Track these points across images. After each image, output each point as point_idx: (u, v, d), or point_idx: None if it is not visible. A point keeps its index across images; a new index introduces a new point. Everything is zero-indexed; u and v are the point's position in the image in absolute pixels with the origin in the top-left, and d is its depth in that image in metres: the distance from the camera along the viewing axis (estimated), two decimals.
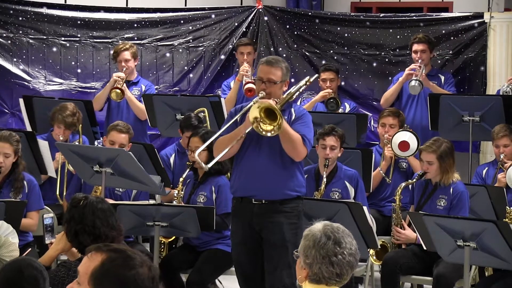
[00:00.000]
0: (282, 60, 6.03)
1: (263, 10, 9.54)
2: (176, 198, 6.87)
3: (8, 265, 3.73)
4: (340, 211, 6.23)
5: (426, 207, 6.71)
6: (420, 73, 8.38)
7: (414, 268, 6.68)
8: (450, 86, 8.66)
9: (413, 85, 8.29)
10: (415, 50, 8.56)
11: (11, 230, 5.49)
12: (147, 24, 9.65)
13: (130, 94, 8.55)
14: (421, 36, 8.61)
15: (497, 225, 5.72)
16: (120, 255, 2.88)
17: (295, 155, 5.80)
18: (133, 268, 2.85)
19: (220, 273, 6.87)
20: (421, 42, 8.56)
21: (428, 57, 8.58)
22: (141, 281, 2.84)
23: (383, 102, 8.72)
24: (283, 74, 5.86)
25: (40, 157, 7.34)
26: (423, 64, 8.46)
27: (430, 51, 8.61)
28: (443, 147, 6.69)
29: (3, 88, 9.55)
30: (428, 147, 6.73)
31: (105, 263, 2.88)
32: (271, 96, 5.80)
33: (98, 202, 4.49)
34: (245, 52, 8.91)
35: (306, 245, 3.47)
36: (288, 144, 5.73)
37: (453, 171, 6.72)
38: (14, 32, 9.57)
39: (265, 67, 5.87)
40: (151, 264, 2.91)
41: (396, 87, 8.63)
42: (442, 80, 8.69)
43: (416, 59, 8.53)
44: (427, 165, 6.71)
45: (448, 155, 6.69)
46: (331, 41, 9.37)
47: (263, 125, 5.58)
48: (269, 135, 5.60)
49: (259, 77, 5.87)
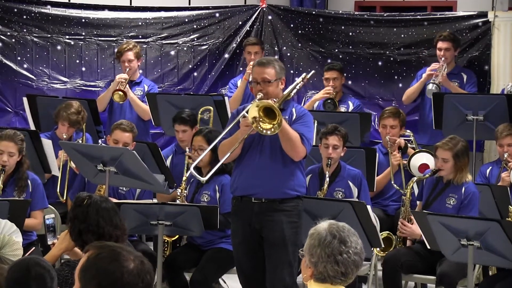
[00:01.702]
0: (274, 59, 6.11)
1: (267, 9, 9.55)
2: (180, 197, 6.87)
3: (15, 264, 3.73)
4: (344, 210, 6.23)
5: (435, 204, 6.69)
6: (441, 73, 8.34)
7: (416, 266, 6.67)
8: (472, 86, 8.63)
9: (430, 88, 8.26)
10: (439, 48, 8.53)
11: (15, 229, 5.48)
12: (151, 23, 9.65)
13: (132, 95, 8.55)
14: (446, 34, 8.56)
15: (501, 224, 5.72)
16: (106, 250, 2.90)
17: (294, 154, 5.80)
18: (117, 262, 2.85)
19: (224, 272, 6.87)
20: (446, 40, 8.52)
21: (452, 55, 8.55)
22: (126, 276, 2.83)
23: (405, 99, 8.72)
24: (276, 72, 5.88)
25: (44, 156, 7.34)
26: (446, 63, 8.43)
27: (454, 49, 8.58)
28: (459, 146, 6.67)
29: (7, 87, 9.55)
30: (445, 144, 6.70)
31: (90, 258, 2.90)
32: (269, 95, 5.81)
33: (102, 201, 4.49)
34: (253, 51, 8.91)
35: (311, 244, 3.47)
36: (287, 143, 5.74)
37: (466, 171, 6.69)
38: (18, 30, 9.57)
39: (258, 68, 5.90)
40: (142, 260, 2.91)
41: (418, 85, 8.61)
42: (465, 79, 8.66)
43: (440, 56, 8.50)
44: (441, 163, 6.67)
45: (463, 154, 6.66)
46: (335, 40, 9.37)
47: (262, 124, 5.59)
48: (269, 133, 5.61)
49: (254, 79, 5.90)
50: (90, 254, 2.91)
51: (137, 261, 2.89)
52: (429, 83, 8.30)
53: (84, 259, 2.91)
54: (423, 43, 9.07)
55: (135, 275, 2.85)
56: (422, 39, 9.10)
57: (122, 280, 2.83)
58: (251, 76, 6.08)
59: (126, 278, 2.83)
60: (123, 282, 2.83)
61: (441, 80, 8.31)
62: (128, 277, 2.83)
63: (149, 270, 2.91)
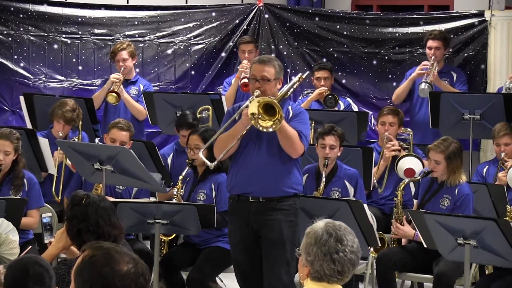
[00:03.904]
0: (274, 58, 6.11)
1: (263, 7, 9.54)
2: (176, 196, 6.87)
3: (14, 263, 3.72)
4: (341, 209, 6.24)
5: (429, 205, 6.69)
6: (432, 72, 8.34)
7: (410, 265, 6.67)
8: (462, 85, 8.63)
9: (422, 88, 8.22)
10: (429, 46, 8.53)
11: (12, 228, 5.49)
12: (148, 22, 9.64)
13: (126, 95, 8.54)
14: (437, 33, 8.56)
15: (498, 223, 5.72)
16: (100, 252, 2.91)
17: (292, 151, 5.81)
18: (109, 267, 2.86)
19: (221, 271, 6.87)
20: (436, 39, 8.52)
21: (441, 54, 8.55)
22: (117, 280, 2.85)
23: (395, 98, 8.71)
24: (276, 72, 5.88)
25: (41, 154, 7.34)
26: (436, 62, 8.44)
27: (444, 48, 8.58)
28: (451, 148, 6.65)
29: (4, 85, 9.54)
30: (437, 146, 6.69)
31: (84, 260, 2.91)
32: (266, 94, 5.81)
33: (100, 200, 4.49)
34: (247, 50, 8.91)
35: (308, 243, 3.47)
36: (285, 140, 5.74)
37: (460, 172, 6.68)
38: (14, 29, 9.55)
39: (258, 66, 5.89)
40: (137, 263, 2.92)
41: (407, 84, 8.60)
42: (454, 78, 8.67)
43: (430, 55, 8.51)
44: (434, 164, 6.67)
45: (456, 155, 6.65)
46: (330, 39, 9.36)
47: (261, 122, 5.59)
48: (271, 130, 5.61)
49: (253, 75, 5.90)
50: (84, 255, 2.92)
51: (131, 264, 2.90)
52: (421, 83, 8.29)
53: (79, 260, 2.93)
54: (418, 42, 9.06)
55: (128, 279, 2.86)
56: (417, 38, 9.09)
57: (114, 284, 2.84)
58: (249, 73, 6.07)
59: (118, 282, 2.85)
60: (115, 287, 2.84)
61: (432, 79, 8.31)
62: (120, 281, 2.85)
63: (144, 272, 2.91)
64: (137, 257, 2.95)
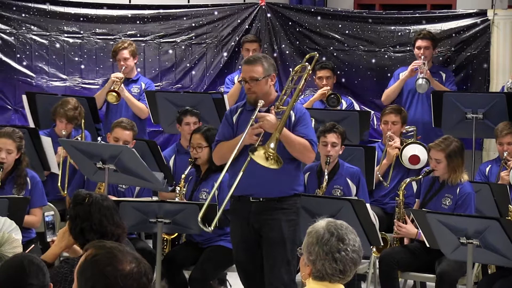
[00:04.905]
0: (262, 56, 6.09)
1: (266, 6, 9.54)
2: (179, 195, 6.87)
3: (8, 262, 3.72)
4: (343, 208, 6.24)
5: (431, 204, 6.69)
6: (425, 70, 8.36)
7: (413, 264, 6.67)
8: (451, 84, 8.68)
9: (420, 83, 8.26)
10: (418, 46, 8.56)
11: (14, 226, 5.47)
12: (149, 21, 9.64)
13: (128, 94, 8.54)
14: (426, 33, 8.62)
15: (501, 223, 5.71)
16: (103, 251, 2.92)
17: (304, 159, 5.88)
18: (111, 266, 2.87)
19: (223, 270, 6.87)
20: (425, 39, 8.56)
21: (431, 53, 8.59)
22: (120, 280, 2.86)
23: (384, 99, 8.72)
24: (264, 69, 5.86)
25: (43, 153, 7.34)
26: (426, 61, 8.46)
27: (433, 48, 8.62)
28: (452, 146, 6.65)
29: (6, 84, 9.55)
30: (437, 145, 6.69)
31: (87, 259, 2.92)
32: (257, 94, 5.82)
33: (103, 199, 4.49)
34: (251, 49, 8.91)
35: (310, 242, 3.47)
36: (294, 149, 5.76)
37: (461, 171, 6.67)
38: (17, 28, 9.57)
39: (246, 67, 5.91)
40: (139, 262, 2.92)
41: (398, 84, 8.63)
42: (444, 78, 8.69)
43: (419, 55, 8.54)
44: (435, 163, 6.67)
45: (457, 154, 6.64)
46: (331, 38, 9.36)
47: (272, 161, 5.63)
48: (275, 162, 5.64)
49: (242, 77, 5.91)
50: (87, 255, 2.93)
51: (134, 263, 2.90)
52: (418, 78, 8.31)
53: (82, 259, 2.93)
54: None
55: (130, 279, 2.87)
56: None
57: (116, 283, 2.85)
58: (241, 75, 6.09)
59: (121, 282, 2.85)
60: (118, 286, 2.85)
61: (426, 77, 8.33)
62: (123, 280, 2.85)
63: (146, 271, 2.92)
64: (140, 256, 2.96)
